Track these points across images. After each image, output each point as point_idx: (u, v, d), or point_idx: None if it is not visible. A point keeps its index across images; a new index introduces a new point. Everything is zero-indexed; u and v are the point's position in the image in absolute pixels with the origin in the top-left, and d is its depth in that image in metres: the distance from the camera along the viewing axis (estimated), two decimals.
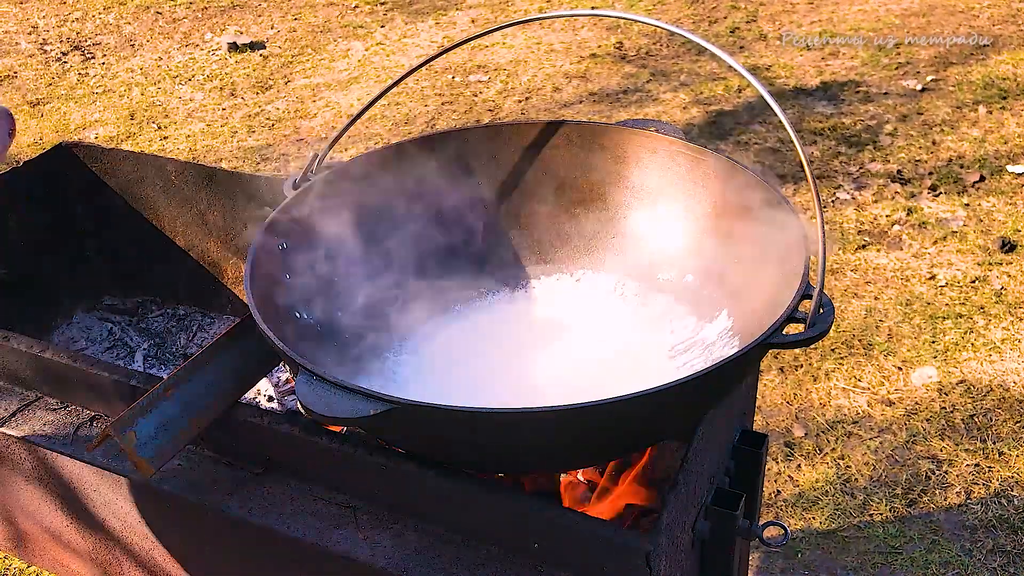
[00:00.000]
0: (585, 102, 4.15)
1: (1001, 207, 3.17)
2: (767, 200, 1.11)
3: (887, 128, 3.69)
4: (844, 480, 2.23)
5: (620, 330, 1.27)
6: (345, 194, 1.23)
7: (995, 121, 3.67)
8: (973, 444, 2.29)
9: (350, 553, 1.02)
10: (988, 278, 2.85)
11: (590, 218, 1.35)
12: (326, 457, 1.06)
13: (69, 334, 1.73)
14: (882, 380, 2.50)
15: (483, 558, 0.99)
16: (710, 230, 1.23)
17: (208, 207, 1.65)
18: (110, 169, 1.71)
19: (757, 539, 1.15)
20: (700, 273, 1.25)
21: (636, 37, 4.71)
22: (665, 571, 0.93)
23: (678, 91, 4.11)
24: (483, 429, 0.90)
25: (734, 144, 3.59)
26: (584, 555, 0.93)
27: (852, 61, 4.25)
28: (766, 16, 4.78)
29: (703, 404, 1.00)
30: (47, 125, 4.53)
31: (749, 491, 1.18)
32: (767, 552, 2.08)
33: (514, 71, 4.50)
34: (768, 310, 0.97)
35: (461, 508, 1.00)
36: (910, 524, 2.11)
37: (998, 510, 2.13)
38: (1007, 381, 2.47)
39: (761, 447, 1.22)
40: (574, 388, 1.14)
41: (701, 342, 1.20)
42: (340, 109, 4.34)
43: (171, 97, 4.66)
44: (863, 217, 3.18)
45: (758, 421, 2.39)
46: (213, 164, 1.96)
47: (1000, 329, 2.64)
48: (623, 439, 1.00)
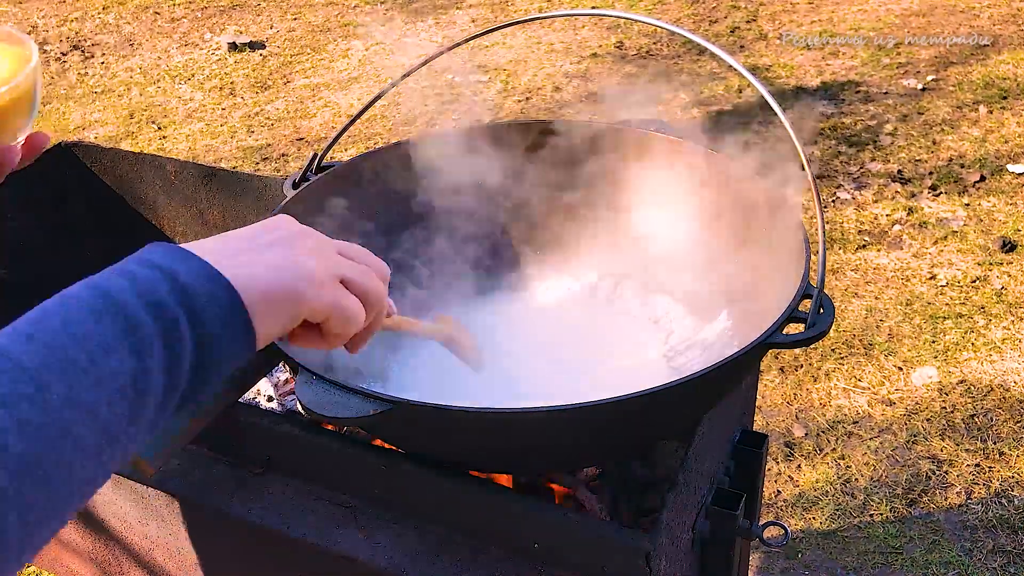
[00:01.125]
0: (585, 102, 4.15)
1: (1001, 207, 3.17)
2: (767, 200, 1.11)
3: (887, 128, 3.69)
4: (844, 480, 2.23)
5: (620, 330, 1.27)
6: (344, 194, 1.23)
7: (995, 121, 3.67)
8: (973, 444, 2.29)
9: (350, 553, 1.02)
10: (988, 278, 2.85)
11: (590, 218, 1.35)
12: (326, 457, 1.06)
13: None
14: (882, 380, 2.50)
15: (483, 558, 0.99)
16: (710, 230, 1.23)
17: (208, 207, 1.65)
18: (109, 169, 1.71)
19: (757, 539, 1.15)
20: (700, 273, 1.25)
21: (636, 37, 4.71)
22: (665, 571, 0.93)
23: (678, 91, 4.11)
24: (483, 429, 0.89)
25: (734, 144, 3.59)
26: (584, 555, 0.93)
27: (852, 61, 4.25)
28: (766, 16, 4.78)
29: (703, 404, 1.00)
30: (46, 125, 4.53)
31: (749, 491, 1.18)
32: (767, 552, 2.08)
33: (514, 71, 4.50)
34: (768, 310, 0.97)
35: (461, 508, 1.00)
36: (910, 524, 2.11)
37: (998, 510, 2.12)
38: (1007, 381, 2.47)
39: (761, 447, 1.22)
40: (574, 388, 1.14)
41: (701, 342, 1.19)
42: (340, 109, 4.34)
43: (170, 97, 4.66)
44: (863, 217, 3.18)
45: (758, 421, 2.39)
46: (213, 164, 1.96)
47: (1000, 329, 2.64)
48: (623, 439, 1.00)
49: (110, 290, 0.57)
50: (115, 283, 0.58)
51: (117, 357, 0.54)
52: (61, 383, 0.51)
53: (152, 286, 0.58)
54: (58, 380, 0.51)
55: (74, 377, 0.52)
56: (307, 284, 0.67)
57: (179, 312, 0.58)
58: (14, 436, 0.48)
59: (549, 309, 1.32)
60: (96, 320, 0.55)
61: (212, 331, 0.60)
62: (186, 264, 0.60)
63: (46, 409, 0.50)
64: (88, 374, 0.53)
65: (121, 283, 0.58)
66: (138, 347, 0.56)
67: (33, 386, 0.50)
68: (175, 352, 0.58)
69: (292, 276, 0.67)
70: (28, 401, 0.50)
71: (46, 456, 0.49)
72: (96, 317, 0.55)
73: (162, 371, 0.57)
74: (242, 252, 0.66)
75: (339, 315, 0.70)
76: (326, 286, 0.69)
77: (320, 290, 0.68)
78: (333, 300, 0.70)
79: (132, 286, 0.58)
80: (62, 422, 0.51)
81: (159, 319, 0.57)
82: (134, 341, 0.56)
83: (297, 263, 0.68)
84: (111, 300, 0.56)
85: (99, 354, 0.54)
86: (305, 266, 0.68)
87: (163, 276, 0.59)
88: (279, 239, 0.69)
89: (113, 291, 0.57)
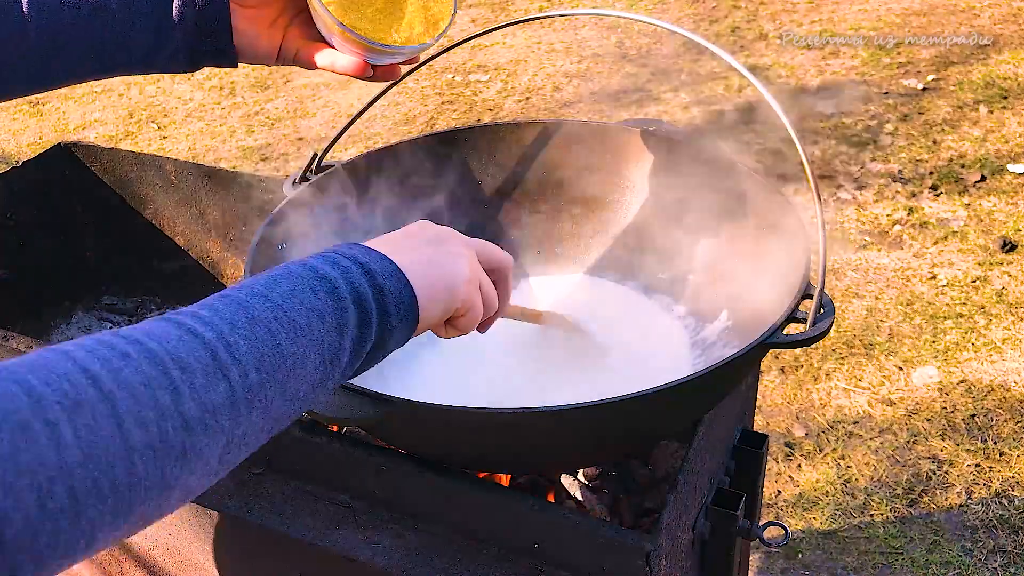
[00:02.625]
0: (585, 102, 4.15)
1: (1002, 207, 3.17)
2: (768, 200, 1.11)
3: (888, 128, 3.69)
4: (844, 480, 2.23)
5: (620, 330, 1.27)
6: (344, 194, 1.23)
7: (996, 121, 3.67)
8: (974, 444, 2.29)
9: (350, 553, 1.02)
10: (989, 278, 2.85)
11: (590, 218, 1.35)
12: (326, 457, 1.06)
13: (69, 334, 1.73)
14: (883, 380, 2.50)
15: (483, 558, 0.99)
16: (710, 230, 1.23)
17: (207, 206, 1.65)
18: (109, 168, 1.71)
19: (757, 539, 1.14)
20: (700, 273, 1.25)
21: (636, 36, 4.71)
22: (665, 571, 0.93)
23: (678, 90, 4.11)
24: (483, 429, 0.89)
25: (734, 144, 3.59)
26: (584, 555, 0.93)
27: (852, 61, 4.25)
28: (766, 15, 4.78)
29: (703, 404, 1.00)
30: (46, 125, 4.53)
31: (749, 491, 1.18)
32: (767, 552, 2.08)
33: (514, 71, 4.49)
34: (768, 310, 0.97)
35: (461, 508, 1.00)
36: (911, 524, 2.11)
37: (999, 510, 2.12)
38: (1008, 381, 2.47)
39: (761, 447, 1.22)
40: (573, 388, 1.14)
41: (701, 342, 1.19)
42: (340, 109, 4.34)
43: (170, 96, 4.65)
44: (864, 217, 3.18)
45: (758, 421, 2.39)
46: (212, 163, 1.96)
47: (1001, 329, 2.64)
48: (623, 439, 1.00)
49: (326, 273, 0.66)
50: (326, 269, 0.67)
51: (326, 328, 0.64)
52: (287, 336, 0.61)
53: (356, 277, 0.68)
54: (286, 333, 0.61)
55: (295, 333, 0.62)
56: (462, 281, 0.76)
57: (373, 306, 0.68)
58: (253, 368, 0.59)
59: (549, 309, 1.32)
60: (314, 293, 0.65)
61: (393, 324, 0.70)
62: (380, 264, 0.70)
63: (275, 353, 0.60)
64: (305, 335, 0.62)
65: (332, 270, 0.67)
66: (341, 326, 0.65)
67: (267, 334, 0.60)
68: (363, 338, 0.67)
69: (451, 273, 0.76)
70: (264, 344, 0.60)
71: (268, 391, 0.60)
72: (314, 291, 0.65)
73: (350, 351, 0.66)
74: (410, 251, 0.74)
75: (474, 313, 0.80)
76: (472, 283, 0.78)
77: (469, 287, 0.78)
78: (474, 299, 0.79)
79: (342, 274, 0.67)
80: (284, 368, 0.61)
81: (359, 308, 0.67)
82: (340, 320, 0.65)
83: (455, 261, 0.77)
84: (327, 280, 0.66)
85: (316, 320, 0.64)
86: (459, 264, 0.77)
87: (362, 271, 0.68)
88: (433, 238, 0.78)
89: (329, 274, 0.66)
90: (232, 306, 0.61)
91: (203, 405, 0.55)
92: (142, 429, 0.51)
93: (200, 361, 0.56)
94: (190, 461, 0.54)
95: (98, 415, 0.49)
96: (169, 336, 0.56)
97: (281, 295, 0.63)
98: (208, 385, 0.55)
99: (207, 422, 0.55)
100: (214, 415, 0.55)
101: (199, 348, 0.56)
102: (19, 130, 4.52)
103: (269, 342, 0.60)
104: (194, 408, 0.54)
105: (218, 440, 0.56)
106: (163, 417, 0.52)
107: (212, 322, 0.59)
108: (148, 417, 0.51)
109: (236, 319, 0.60)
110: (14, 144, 4.39)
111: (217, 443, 0.56)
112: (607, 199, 1.33)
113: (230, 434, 0.57)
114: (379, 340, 0.69)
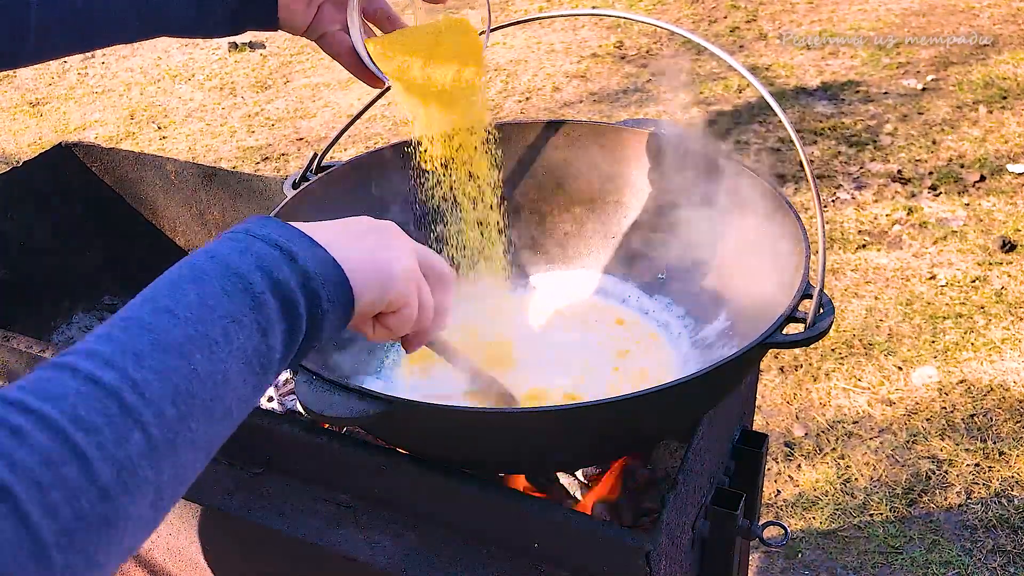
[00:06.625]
0: (585, 102, 4.15)
1: (1001, 207, 3.17)
2: (767, 200, 1.11)
3: (887, 128, 3.69)
4: (844, 480, 2.23)
5: (619, 330, 1.27)
6: (344, 194, 1.23)
7: (995, 121, 3.67)
8: (973, 444, 2.29)
9: (350, 553, 1.02)
10: (988, 278, 2.85)
11: (590, 218, 1.35)
12: (326, 457, 1.06)
13: (69, 334, 1.73)
14: (882, 380, 2.50)
15: (483, 558, 0.99)
16: (710, 230, 1.23)
17: (208, 207, 1.65)
18: (110, 169, 1.71)
19: (757, 539, 1.15)
20: (700, 273, 1.25)
21: (636, 37, 4.71)
22: (665, 571, 0.93)
23: (678, 91, 4.11)
24: (483, 429, 0.89)
25: (734, 144, 3.59)
26: (584, 555, 0.93)
27: (852, 61, 4.25)
28: (766, 16, 4.78)
29: (703, 404, 1.00)
30: (47, 125, 4.53)
31: (749, 491, 1.18)
32: (767, 552, 2.08)
33: (514, 71, 4.50)
34: (768, 310, 0.97)
35: (461, 508, 1.00)
36: (910, 524, 2.11)
37: (998, 510, 2.12)
38: (1007, 381, 2.47)
39: (761, 447, 1.22)
40: (573, 388, 1.14)
41: (701, 342, 1.20)
42: (340, 109, 4.34)
43: (171, 97, 4.66)
44: (863, 217, 3.18)
45: (758, 421, 2.39)
46: (212, 164, 1.96)
47: (1000, 329, 2.64)
48: (623, 439, 1.00)
49: (237, 267, 0.60)
50: (236, 260, 0.60)
51: (245, 333, 0.58)
52: (202, 355, 0.55)
53: (274, 264, 0.61)
54: (200, 352, 0.55)
55: (211, 350, 0.56)
56: (399, 268, 0.71)
57: (299, 295, 0.62)
58: (168, 403, 0.52)
59: (548, 309, 1.32)
60: (226, 295, 0.58)
61: (324, 310, 0.64)
62: (302, 245, 0.63)
63: (191, 379, 0.54)
64: (222, 348, 0.56)
65: (244, 260, 0.60)
66: (263, 326, 0.59)
67: (179, 358, 0.54)
68: (293, 330, 0.62)
69: (387, 259, 0.71)
70: (177, 374, 0.53)
71: (192, 422, 0.54)
72: (226, 292, 0.58)
73: (282, 346, 0.61)
74: (343, 236, 0.69)
75: (408, 312, 0.74)
76: (409, 278, 0.73)
77: (406, 280, 0.73)
78: (410, 296, 0.74)
79: (256, 263, 0.61)
80: (204, 392, 0.55)
81: (282, 300, 0.61)
82: (261, 319, 0.59)
83: (392, 247, 0.72)
84: (238, 276, 0.59)
85: (232, 328, 0.57)
86: (396, 252, 0.72)
87: (283, 255, 0.62)
88: (371, 228, 0.73)
89: (240, 268, 0.60)
90: (134, 332, 0.54)
91: (118, 464, 0.48)
92: (51, 519, 0.44)
93: (105, 414, 0.49)
94: (118, 528, 0.48)
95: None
96: (66, 391, 0.49)
97: (188, 307, 0.56)
98: (119, 439, 0.48)
99: (126, 481, 0.48)
100: (133, 471, 0.49)
101: (102, 398, 0.49)
102: (19, 130, 4.52)
103: (183, 368, 0.53)
104: (108, 471, 0.47)
105: (145, 493, 0.50)
106: (74, 495, 0.46)
107: (112, 360, 0.51)
108: (55, 501, 0.45)
109: (140, 348, 0.52)
110: (14, 144, 4.39)
111: (144, 497, 0.50)
112: (607, 199, 1.33)
113: (156, 483, 0.50)
114: (312, 326, 0.64)
